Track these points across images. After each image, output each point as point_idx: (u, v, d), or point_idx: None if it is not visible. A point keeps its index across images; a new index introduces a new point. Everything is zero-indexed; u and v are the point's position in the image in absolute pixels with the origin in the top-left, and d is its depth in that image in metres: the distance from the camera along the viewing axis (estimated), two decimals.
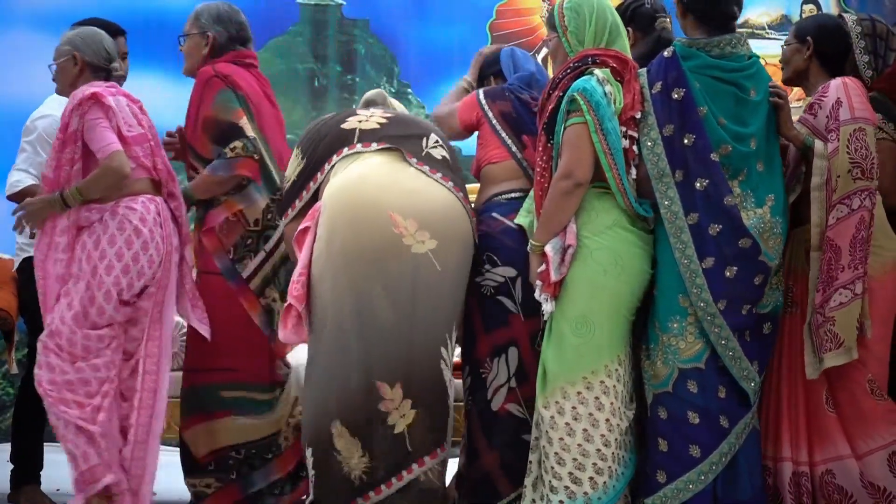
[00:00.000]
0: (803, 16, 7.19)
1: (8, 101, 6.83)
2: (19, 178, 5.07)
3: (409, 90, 7.21)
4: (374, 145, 4.31)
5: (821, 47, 4.39)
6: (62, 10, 6.94)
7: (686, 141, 4.13)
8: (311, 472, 4.22)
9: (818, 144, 4.20)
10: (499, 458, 4.29)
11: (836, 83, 4.26)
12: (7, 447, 6.54)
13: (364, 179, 4.22)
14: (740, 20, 4.83)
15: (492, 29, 7.13)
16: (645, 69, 4.21)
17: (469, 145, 7.23)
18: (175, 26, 6.93)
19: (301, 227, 4.31)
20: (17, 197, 5.07)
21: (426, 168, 4.29)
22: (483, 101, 4.52)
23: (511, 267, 4.29)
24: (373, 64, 7.18)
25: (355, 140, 4.32)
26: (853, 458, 4.19)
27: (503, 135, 4.48)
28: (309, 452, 4.21)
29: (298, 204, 4.38)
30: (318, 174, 4.36)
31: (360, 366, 4.12)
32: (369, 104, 4.61)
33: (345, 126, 4.38)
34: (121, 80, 5.20)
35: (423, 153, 4.32)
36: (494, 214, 4.39)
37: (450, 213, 4.26)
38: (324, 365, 4.18)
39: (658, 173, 4.14)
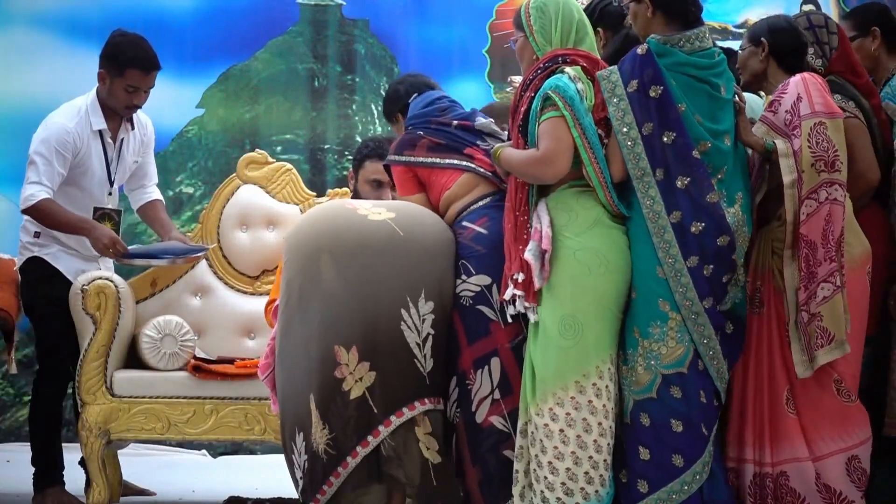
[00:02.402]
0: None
1: (8, 101, 6.83)
2: (33, 192, 5.05)
3: None
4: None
5: (776, 47, 4.37)
6: (62, 10, 6.94)
7: (665, 139, 4.10)
8: (304, 459, 4.15)
9: (780, 144, 4.19)
10: (479, 473, 4.21)
11: (795, 79, 4.25)
12: (7, 448, 6.58)
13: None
14: (740, 20, 4.84)
15: (492, 29, 7.12)
16: (615, 67, 4.17)
17: None
18: (175, 27, 6.98)
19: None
20: (31, 211, 5.07)
21: None
22: (403, 158, 4.42)
23: (485, 275, 4.22)
24: (373, 64, 7.18)
25: None
26: (809, 460, 4.17)
27: (444, 161, 4.38)
28: (300, 439, 4.16)
29: None
30: None
31: (317, 333, 4.11)
32: None
33: None
34: (133, 109, 5.20)
35: None
36: (465, 223, 4.32)
37: (406, 203, 4.37)
38: (289, 346, 4.18)
39: (639, 173, 4.11)
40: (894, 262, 4.49)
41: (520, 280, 4.09)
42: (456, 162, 4.37)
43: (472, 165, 4.37)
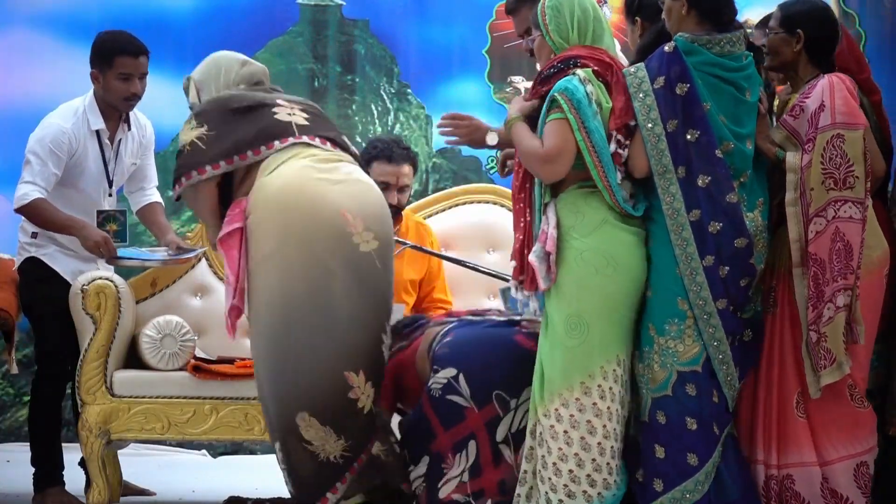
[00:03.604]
0: None
1: (8, 101, 6.83)
2: (26, 192, 5.06)
3: (409, 90, 7.20)
4: (317, 140, 4.39)
5: (811, 40, 4.28)
6: (62, 10, 6.94)
7: (689, 137, 4.10)
8: (283, 468, 4.33)
9: (790, 158, 4.16)
10: None
11: (822, 84, 4.19)
12: (7, 448, 6.58)
13: (311, 177, 4.31)
14: (740, 20, 4.81)
15: (492, 29, 7.12)
16: (642, 63, 4.18)
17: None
18: (175, 27, 6.97)
19: (227, 229, 4.34)
20: (24, 210, 5.08)
21: (357, 168, 4.45)
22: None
23: (451, 368, 4.32)
24: (373, 64, 7.18)
25: (296, 133, 4.38)
26: (817, 465, 4.16)
27: None
28: (277, 447, 4.31)
29: (208, 173, 4.37)
30: (246, 155, 4.37)
31: (326, 359, 4.22)
32: (258, 83, 4.62)
33: (278, 117, 4.40)
34: (136, 98, 5.19)
35: (351, 150, 4.47)
36: (435, 349, 4.43)
37: (384, 213, 4.40)
38: (282, 361, 4.24)
39: (661, 169, 4.11)
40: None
41: (521, 279, 4.17)
42: None
43: None
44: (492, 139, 4.41)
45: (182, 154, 4.43)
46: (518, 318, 4.52)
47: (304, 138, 4.39)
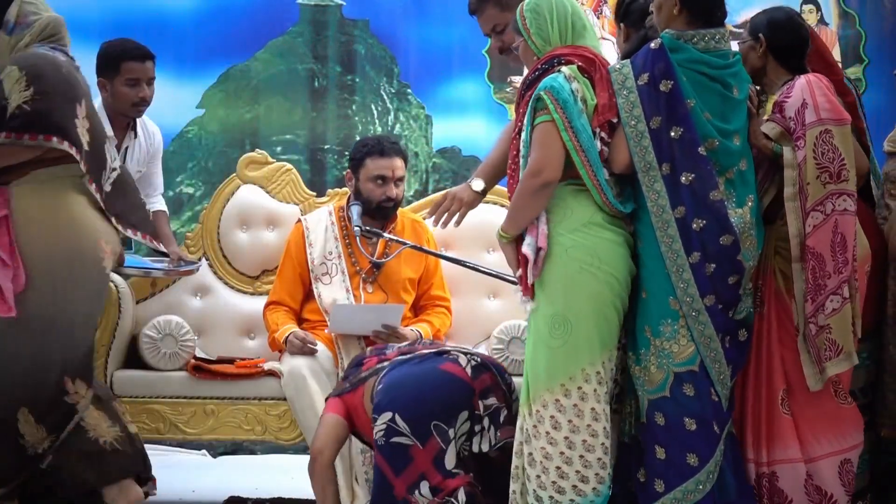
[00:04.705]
0: (803, 16, 7.18)
1: None
2: None
3: (409, 90, 7.20)
4: (85, 180, 4.54)
5: (773, 43, 4.32)
6: (62, 10, 6.90)
7: (673, 134, 4.10)
8: None
9: (787, 153, 4.17)
10: None
11: (800, 83, 4.21)
12: None
13: (79, 200, 4.54)
14: (739, 20, 4.83)
15: None
16: (628, 60, 4.18)
17: (468, 145, 7.24)
18: (175, 27, 6.97)
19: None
20: None
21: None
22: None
23: (385, 412, 4.33)
24: (372, 64, 7.17)
25: (82, 161, 4.50)
26: (802, 461, 4.17)
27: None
28: None
29: (39, 141, 4.44)
30: (52, 139, 4.44)
31: (57, 365, 4.45)
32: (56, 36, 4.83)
33: (79, 130, 4.50)
34: (144, 103, 5.19)
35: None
36: (374, 397, 4.46)
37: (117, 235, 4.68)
38: (18, 356, 4.41)
39: (645, 166, 4.10)
40: (884, 258, 4.47)
41: (518, 275, 4.17)
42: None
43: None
44: (477, 185, 4.47)
45: (19, 116, 4.43)
46: (448, 347, 4.60)
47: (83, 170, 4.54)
